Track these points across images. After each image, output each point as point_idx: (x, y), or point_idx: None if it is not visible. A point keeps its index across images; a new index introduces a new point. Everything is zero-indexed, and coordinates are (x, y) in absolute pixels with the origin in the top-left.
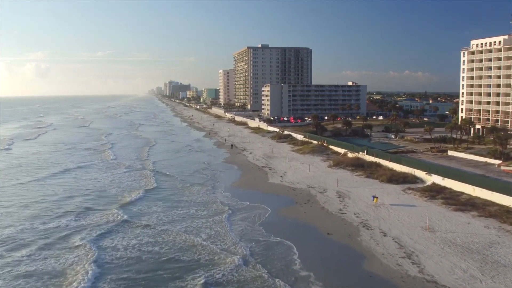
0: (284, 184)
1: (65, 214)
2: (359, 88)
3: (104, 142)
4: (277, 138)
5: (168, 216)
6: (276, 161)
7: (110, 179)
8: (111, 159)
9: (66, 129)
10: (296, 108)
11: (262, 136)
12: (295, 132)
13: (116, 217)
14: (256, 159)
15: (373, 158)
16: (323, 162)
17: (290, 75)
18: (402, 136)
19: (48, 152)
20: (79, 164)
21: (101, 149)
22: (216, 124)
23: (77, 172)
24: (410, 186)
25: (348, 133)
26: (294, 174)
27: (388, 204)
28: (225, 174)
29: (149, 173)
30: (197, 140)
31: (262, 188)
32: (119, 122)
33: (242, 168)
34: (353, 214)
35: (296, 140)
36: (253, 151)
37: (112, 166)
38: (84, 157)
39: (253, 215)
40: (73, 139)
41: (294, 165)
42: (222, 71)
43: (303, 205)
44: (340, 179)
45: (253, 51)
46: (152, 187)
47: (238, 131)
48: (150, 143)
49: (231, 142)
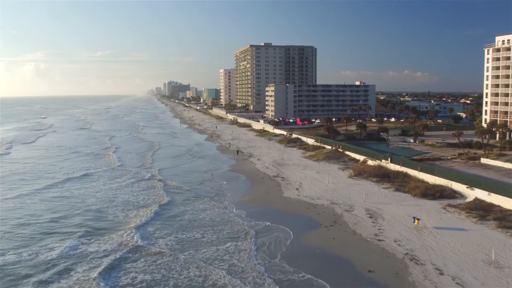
0: (302, 199)
1: (67, 236)
2: (367, 88)
3: (108, 145)
4: (286, 142)
5: (184, 241)
6: (288, 169)
7: (117, 191)
8: (116, 166)
9: (68, 131)
10: (302, 109)
11: (269, 139)
12: (304, 135)
13: (128, 241)
14: (266, 167)
15: (398, 167)
16: (342, 171)
17: (294, 75)
18: (422, 140)
19: (50, 157)
20: (83, 172)
21: (105, 153)
22: (218, 126)
23: (80, 182)
24: (450, 202)
25: (362, 137)
26: (311, 186)
27: (432, 227)
28: (234, 185)
29: (157, 184)
30: (199, 144)
31: (277, 204)
32: (121, 124)
33: (251, 178)
34: (394, 242)
35: (306, 144)
36: (261, 157)
37: (118, 174)
38: (87, 162)
39: (273, 240)
40: (75, 143)
41: (310, 175)
42: (223, 70)
43: (329, 228)
44: (366, 193)
45: (256, 50)
46: (165, 202)
47: (242, 134)
48: (154, 147)
49: (237, 147)
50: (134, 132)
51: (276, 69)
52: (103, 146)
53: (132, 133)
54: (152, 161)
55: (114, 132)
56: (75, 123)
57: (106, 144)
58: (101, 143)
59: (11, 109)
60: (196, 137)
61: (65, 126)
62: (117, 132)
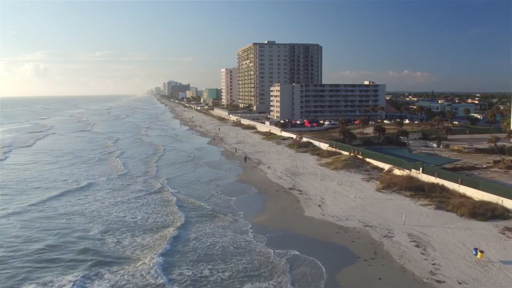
0: (328, 220)
1: (70, 269)
2: (377, 88)
3: (112, 149)
4: (296, 147)
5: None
6: (304, 179)
7: (126, 206)
8: (122, 173)
9: (69, 133)
10: (309, 110)
11: (277, 143)
12: (316, 139)
13: (145, 280)
14: (278, 177)
15: (432, 178)
16: (366, 182)
17: (299, 74)
18: (447, 145)
19: (48, 163)
20: (85, 181)
21: (109, 158)
22: (221, 128)
23: (83, 195)
24: (506, 224)
25: (380, 141)
26: (336, 201)
27: (498, 261)
28: (245, 201)
29: (168, 196)
30: (201, 148)
31: (299, 226)
32: (124, 125)
33: (264, 191)
34: (458, 284)
35: (320, 150)
36: (271, 164)
37: (124, 183)
38: (90, 169)
39: (303, 279)
40: (77, 146)
41: (331, 187)
42: (224, 70)
43: (370, 262)
44: (402, 211)
45: (260, 48)
46: (180, 224)
47: (247, 136)
48: (157, 151)
49: (243, 153)
50: (137, 134)
51: (280, 68)
52: (107, 150)
53: (135, 135)
54: (157, 168)
55: (117, 134)
56: (76, 124)
57: (109, 147)
58: (104, 147)
59: (11, 110)
60: (198, 140)
61: (66, 128)
62: (120, 134)
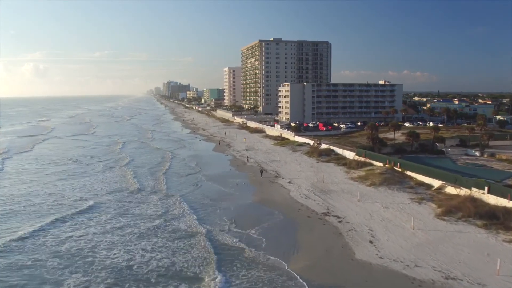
0: (390, 267)
1: None
2: (394, 87)
3: (120, 156)
4: (316, 155)
5: None
6: (338, 200)
7: (145, 243)
8: (134, 189)
9: (71, 136)
10: (321, 111)
11: (292, 150)
12: (337, 145)
13: None
14: (305, 196)
15: (504, 200)
16: (417, 204)
17: (308, 73)
18: (492, 153)
19: (49, 174)
20: (91, 201)
21: (118, 167)
22: (226, 131)
23: (87, 223)
24: None
25: (414, 149)
26: (390, 234)
27: None
28: (273, 232)
29: (193, 226)
30: (206, 156)
31: (355, 278)
32: (128, 128)
33: (292, 217)
34: None
35: (345, 159)
36: (293, 178)
37: (138, 204)
38: (97, 182)
39: None
40: (81, 151)
41: (376, 212)
42: (227, 69)
43: None
44: (485, 251)
45: (266, 45)
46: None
47: (257, 141)
48: (166, 159)
49: (256, 163)
50: (142, 137)
51: (287, 67)
52: (113, 157)
53: (140, 139)
54: (166, 180)
55: (122, 138)
56: (79, 126)
57: (116, 153)
58: (110, 152)
59: (11, 110)
60: (203, 146)
61: (68, 130)
62: (125, 138)
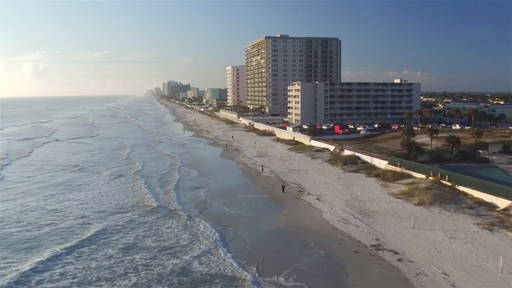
0: None
1: None
2: (411, 87)
3: (129, 162)
4: (341, 164)
5: None
6: (387, 226)
7: None
8: (153, 206)
9: (74, 139)
10: (334, 112)
11: (311, 157)
12: (362, 152)
13: None
14: (344, 220)
15: None
16: (488, 232)
17: (317, 72)
18: None
19: (52, 185)
20: (96, 225)
21: (129, 176)
22: (233, 133)
23: (85, 261)
24: None
25: (453, 156)
26: (474, 281)
27: None
28: (313, 279)
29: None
30: (214, 164)
31: None
32: (133, 130)
33: (333, 251)
34: None
35: (376, 168)
36: (322, 194)
37: (160, 227)
38: (107, 196)
39: None
40: (86, 157)
41: (442, 245)
42: (230, 67)
43: None
44: None
45: (272, 42)
46: None
47: (268, 146)
48: (174, 165)
49: (272, 172)
50: (149, 141)
51: (295, 65)
52: (123, 163)
53: (146, 142)
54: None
55: (128, 141)
56: (82, 128)
57: (125, 159)
58: (117, 158)
59: (11, 110)
60: (208, 151)
61: (71, 132)
62: (130, 141)
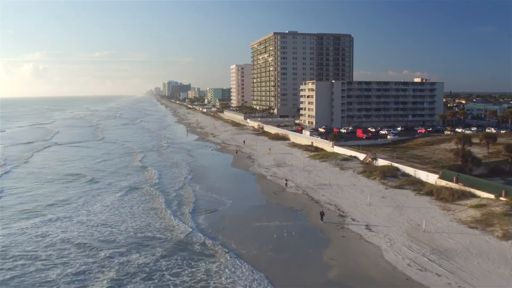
0: None
1: None
2: (434, 86)
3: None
4: (380, 177)
5: None
6: (477, 274)
7: None
8: (182, 236)
9: (81, 143)
10: (352, 114)
11: (339, 167)
12: (400, 162)
13: None
14: (416, 264)
15: None
16: None
17: (329, 70)
18: None
19: (53, 205)
20: (113, 269)
21: (146, 191)
22: (243, 137)
23: None
24: None
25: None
26: None
27: None
28: None
29: None
30: (226, 175)
31: None
32: (140, 132)
33: None
34: None
35: (423, 183)
36: (369, 220)
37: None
38: (123, 223)
39: None
40: (93, 163)
41: None
42: (235, 66)
43: None
44: None
45: (282, 39)
46: None
47: (285, 152)
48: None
49: (303, 191)
50: (158, 146)
51: (305, 63)
52: (137, 174)
53: (155, 147)
54: (200, 217)
55: (135, 145)
56: (87, 130)
57: (139, 168)
58: (125, 166)
59: (11, 110)
60: (217, 158)
61: (74, 135)
62: (138, 145)
